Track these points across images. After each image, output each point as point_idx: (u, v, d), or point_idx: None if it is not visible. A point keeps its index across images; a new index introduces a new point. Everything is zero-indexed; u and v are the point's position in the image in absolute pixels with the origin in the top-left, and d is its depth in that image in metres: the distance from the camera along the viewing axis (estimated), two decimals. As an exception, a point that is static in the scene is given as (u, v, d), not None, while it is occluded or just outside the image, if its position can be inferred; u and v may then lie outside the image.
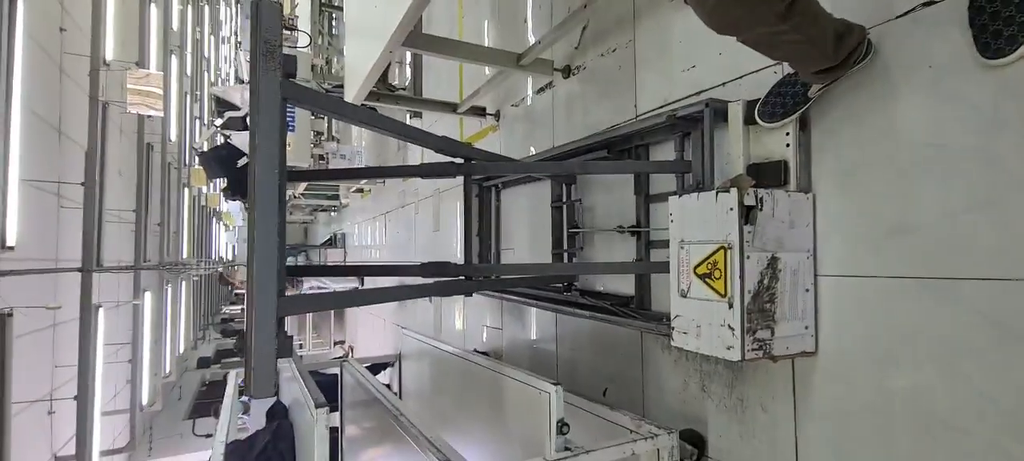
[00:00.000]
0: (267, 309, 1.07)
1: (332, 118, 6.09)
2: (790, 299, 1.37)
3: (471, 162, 1.80)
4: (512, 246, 2.99)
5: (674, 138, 1.83)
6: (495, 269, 2.61)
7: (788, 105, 1.39)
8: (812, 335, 1.42)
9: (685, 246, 1.41)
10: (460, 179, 1.95)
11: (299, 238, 17.36)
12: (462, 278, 1.80)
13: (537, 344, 2.84)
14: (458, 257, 3.80)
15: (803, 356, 1.42)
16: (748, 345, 1.28)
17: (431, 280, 1.76)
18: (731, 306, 1.29)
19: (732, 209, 1.29)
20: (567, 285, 2.36)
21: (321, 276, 9.29)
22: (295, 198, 9.06)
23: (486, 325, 3.47)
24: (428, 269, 1.75)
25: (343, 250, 9.84)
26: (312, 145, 6.35)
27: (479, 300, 3.44)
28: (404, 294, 1.69)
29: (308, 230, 17.14)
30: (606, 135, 1.99)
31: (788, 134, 1.43)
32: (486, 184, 3.00)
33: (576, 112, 2.48)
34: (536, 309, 2.76)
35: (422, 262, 1.76)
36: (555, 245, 2.49)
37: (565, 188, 2.48)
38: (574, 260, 2.43)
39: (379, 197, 6.96)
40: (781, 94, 1.40)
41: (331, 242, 10.72)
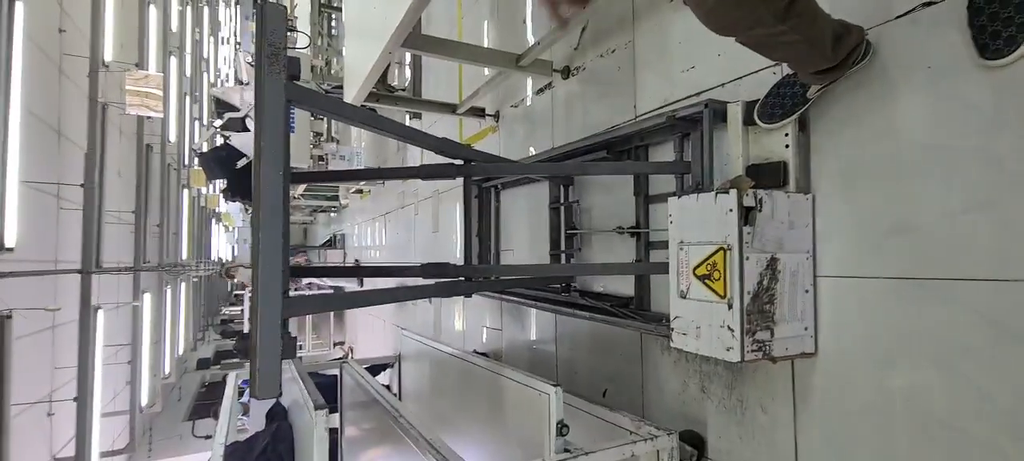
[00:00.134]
0: (272, 310, 1.06)
1: (336, 121, 6.09)
2: (789, 300, 1.37)
3: (471, 164, 1.80)
4: (512, 247, 2.99)
5: (673, 139, 1.83)
6: (495, 270, 2.60)
7: (787, 106, 1.39)
8: (812, 336, 1.42)
9: (684, 247, 1.41)
10: (460, 180, 1.95)
11: (298, 239, 17.35)
12: (462, 279, 1.80)
13: (537, 345, 2.84)
14: (458, 258, 3.80)
15: (803, 357, 1.42)
16: (748, 346, 1.28)
17: (431, 281, 1.76)
18: (730, 307, 1.29)
19: (731, 210, 1.29)
20: (565, 286, 2.36)
21: (324, 277, 9.28)
22: (295, 199, 9.06)
23: (486, 326, 3.47)
24: (428, 270, 1.75)
25: (343, 251, 9.84)
26: (312, 146, 6.35)
27: (479, 301, 3.44)
28: (405, 295, 1.69)
29: (307, 231, 17.13)
30: (605, 136, 1.99)
31: (787, 135, 1.43)
32: (486, 185, 3.00)
33: (576, 113, 2.48)
34: (536, 310, 2.76)
35: (422, 263, 1.76)
36: (553, 246, 2.49)
37: (563, 189, 2.48)
38: (572, 261, 2.43)
39: (379, 198, 6.96)
40: (780, 95, 1.40)
41: (331, 243, 10.72)
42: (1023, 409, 1.06)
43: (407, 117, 4.27)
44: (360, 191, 7.56)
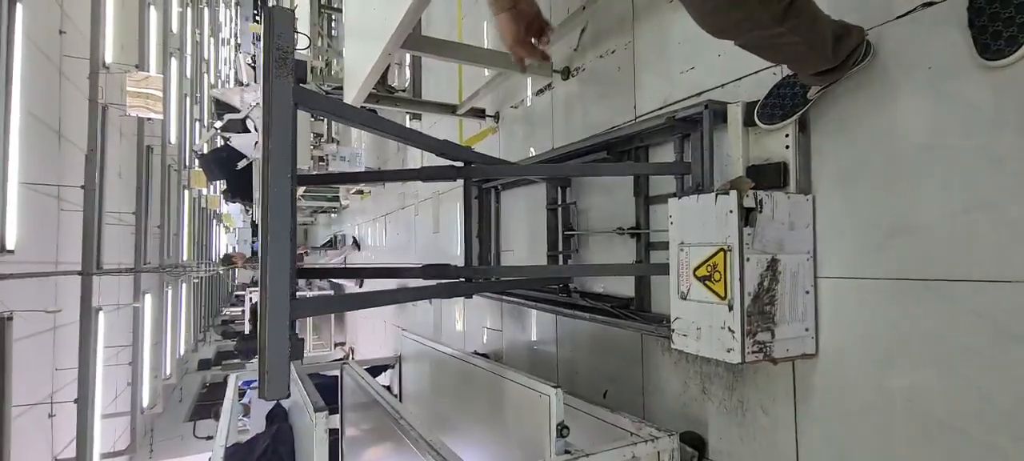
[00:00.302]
0: (280, 312, 1.06)
1: (343, 124, 6.09)
2: (790, 301, 1.36)
3: (471, 166, 1.80)
4: (512, 247, 2.99)
5: (674, 139, 1.82)
6: (495, 271, 2.60)
7: (787, 107, 1.39)
8: (812, 337, 1.42)
9: (685, 248, 1.41)
10: (460, 181, 1.95)
11: (299, 240, 17.36)
12: (462, 280, 1.80)
13: (537, 346, 2.84)
14: (458, 259, 3.80)
15: (803, 358, 1.42)
16: (748, 347, 1.28)
17: (432, 282, 1.76)
18: (731, 308, 1.28)
19: (732, 211, 1.28)
20: (563, 287, 2.36)
21: (328, 278, 9.28)
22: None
23: (486, 327, 3.47)
24: (429, 271, 1.75)
25: (342, 253, 9.83)
26: (312, 147, 6.35)
27: (479, 301, 3.44)
28: (406, 296, 1.69)
29: (308, 232, 17.15)
30: (605, 136, 1.98)
31: (787, 136, 1.43)
32: (486, 186, 3.00)
33: (575, 113, 2.47)
34: (536, 311, 2.76)
35: (423, 265, 1.76)
36: (550, 248, 2.50)
37: (560, 191, 2.48)
38: (569, 262, 2.43)
39: (379, 199, 6.96)
40: (780, 96, 1.40)
41: (331, 244, 10.72)
42: (1023, 410, 1.06)
43: (407, 118, 4.26)
44: (360, 192, 7.56)
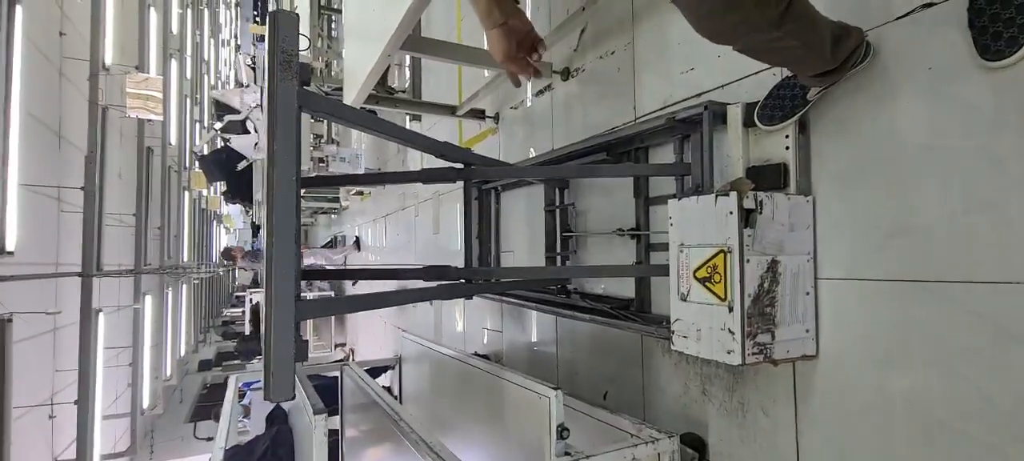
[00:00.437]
0: (285, 313, 1.06)
1: (347, 127, 6.08)
2: (790, 302, 1.36)
3: (471, 167, 1.79)
4: (512, 248, 2.99)
5: (673, 140, 1.82)
6: (495, 272, 2.60)
7: (787, 108, 1.38)
8: (813, 338, 1.41)
9: (685, 249, 1.41)
10: (460, 182, 1.95)
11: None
12: (462, 281, 1.80)
13: (537, 347, 2.83)
14: (458, 259, 3.79)
15: (804, 359, 1.42)
16: (748, 349, 1.28)
17: (433, 283, 1.76)
18: (731, 310, 1.28)
19: (732, 212, 1.28)
20: (561, 288, 2.36)
21: (332, 279, 9.23)
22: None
23: (486, 328, 3.47)
24: (429, 273, 1.75)
25: (343, 253, 9.82)
26: (312, 148, 6.35)
27: (479, 302, 3.43)
28: (408, 298, 1.69)
29: (308, 233, 17.15)
30: (605, 137, 1.98)
31: (787, 137, 1.42)
32: (486, 186, 3.00)
33: (575, 114, 2.47)
34: (536, 312, 2.76)
35: (424, 266, 1.75)
36: (548, 249, 2.50)
37: (558, 192, 2.48)
38: (567, 263, 2.43)
39: (379, 199, 6.96)
40: (780, 97, 1.40)
41: (331, 244, 10.72)
42: (1023, 411, 1.05)
43: (407, 119, 4.26)
44: (361, 193, 7.56)
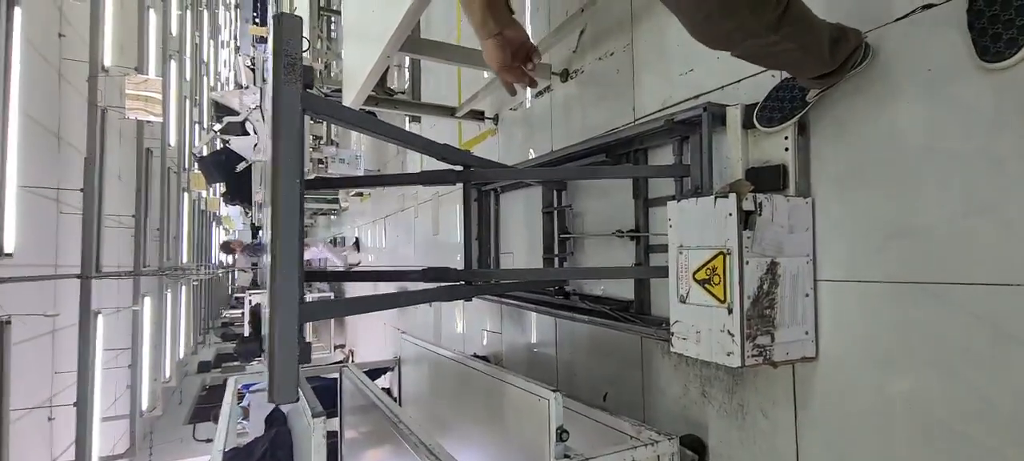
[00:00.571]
0: (289, 315, 1.06)
1: (351, 130, 6.08)
2: (790, 304, 1.36)
3: (470, 169, 1.79)
4: (511, 250, 2.99)
5: (673, 142, 1.82)
6: (494, 274, 2.60)
7: (786, 109, 1.38)
8: (812, 340, 1.41)
9: (684, 251, 1.41)
10: (459, 183, 1.95)
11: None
12: (462, 283, 1.79)
13: (537, 348, 2.83)
14: (457, 261, 3.79)
15: (804, 361, 1.41)
16: (748, 351, 1.28)
17: (433, 285, 1.75)
18: (731, 312, 1.28)
19: (731, 214, 1.28)
20: (558, 289, 2.36)
21: (335, 281, 9.24)
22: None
23: (486, 329, 3.47)
24: (429, 274, 1.75)
25: (345, 252, 9.81)
26: (311, 149, 6.34)
27: (479, 304, 3.43)
28: (408, 300, 1.68)
29: (308, 234, 17.15)
30: (604, 139, 1.98)
31: (787, 138, 1.42)
32: (485, 188, 2.99)
33: (574, 116, 2.47)
34: (535, 314, 2.76)
35: (424, 268, 1.75)
36: (546, 250, 2.50)
37: (556, 194, 2.48)
38: (565, 265, 2.42)
39: (379, 201, 6.95)
40: (779, 98, 1.40)
41: (333, 243, 10.71)
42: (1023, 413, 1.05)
43: (406, 120, 4.26)
44: (360, 194, 7.56)
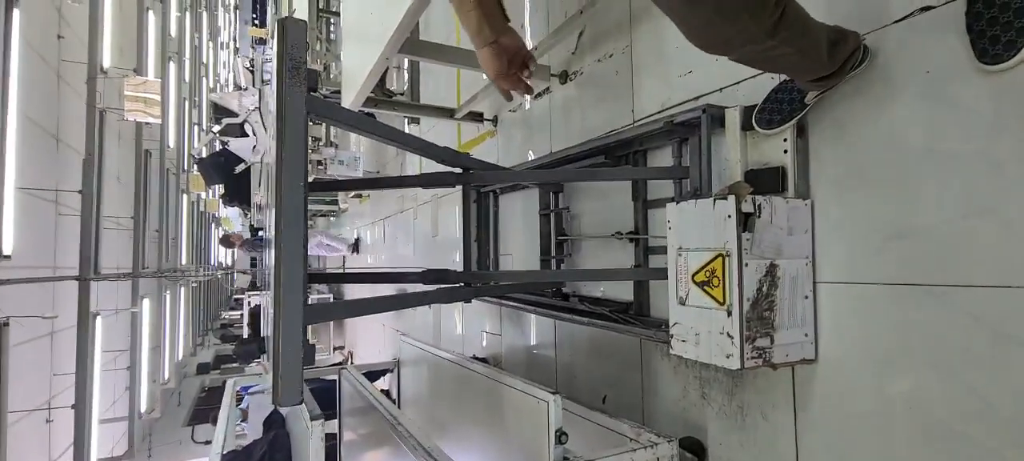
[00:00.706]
0: (294, 318, 1.06)
1: (359, 134, 6.09)
2: (789, 306, 1.36)
3: (470, 172, 1.79)
4: (510, 251, 2.99)
5: (672, 144, 1.82)
6: (494, 276, 2.59)
7: (785, 111, 1.38)
8: (812, 342, 1.41)
9: (683, 253, 1.41)
10: (459, 184, 1.94)
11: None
12: (461, 285, 1.79)
13: (536, 350, 2.83)
14: (456, 262, 3.79)
15: (803, 363, 1.41)
16: (747, 353, 1.27)
17: (432, 287, 1.75)
18: (730, 314, 1.28)
19: (730, 216, 1.28)
20: (555, 290, 2.36)
21: (337, 283, 9.19)
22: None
23: (485, 331, 3.46)
24: (429, 276, 1.75)
25: (344, 256, 9.81)
26: (310, 151, 6.34)
27: (478, 305, 3.43)
28: (409, 302, 1.68)
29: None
30: (603, 141, 1.98)
31: (786, 140, 1.42)
32: (484, 190, 2.99)
33: (573, 117, 2.47)
34: (535, 315, 2.75)
35: (424, 269, 1.75)
36: (543, 252, 2.50)
37: (553, 196, 2.48)
38: (562, 267, 2.42)
39: (378, 202, 6.95)
40: (778, 100, 1.40)
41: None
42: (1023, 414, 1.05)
43: (405, 122, 4.26)
44: (359, 195, 7.56)
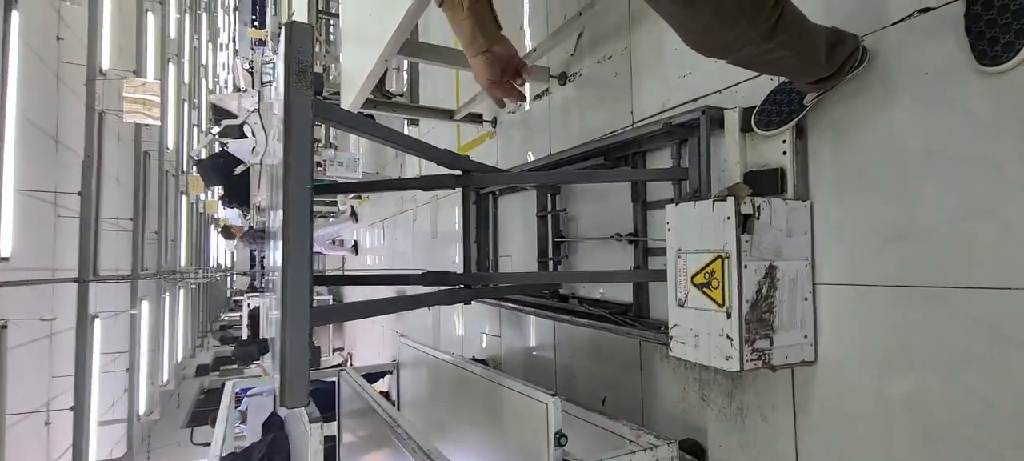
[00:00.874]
0: (300, 320, 1.06)
1: (358, 136, 6.07)
2: (788, 308, 1.35)
3: (469, 174, 1.79)
4: (510, 252, 2.98)
5: (671, 145, 1.82)
6: (493, 278, 2.60)
7: (784, 113, 1.38)
8: (811, 344, 1.41)
9: (682, 255, 1.40)
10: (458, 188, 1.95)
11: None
12: (461, 286, 1.79)
13: (535, 352, 2.82)
14: (456, 262, 3.79)
15: (802, 365, 1.41)
16: (747, 355, 1.27)
17: (432, 289, 1.75)
18: (729, 316, 1.27)
19: (729, 218, 1.28)
20: (553, 292, 2.36)
21: (339, 285, 9.20)
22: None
23: (485, 332, 3.46)
24: (429, 278, 1.75)
25: (343, 256, 9.81)
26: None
27: (478, 307, 3.42)
28: (409, 304, 1.68)
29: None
30: (602, 142, 1.98)
31: (785, 142, 1.42)
32: (483, 191, 2.99)
33: (572, 119, 2.47)
34: (534, 317, 2.75)
35: (424, 271, 1.75)
36: (540, 254, 2.50)
37: (550, 197, 2.48)
38: (559, 268, 2.43)
39: (378, 203, 6.95)
40: (777, 102, 1.40)
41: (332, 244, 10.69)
42: (1023, 416, 1.05)
43: (405, 124, 4.25)
44: (359, 197, 7.55)
